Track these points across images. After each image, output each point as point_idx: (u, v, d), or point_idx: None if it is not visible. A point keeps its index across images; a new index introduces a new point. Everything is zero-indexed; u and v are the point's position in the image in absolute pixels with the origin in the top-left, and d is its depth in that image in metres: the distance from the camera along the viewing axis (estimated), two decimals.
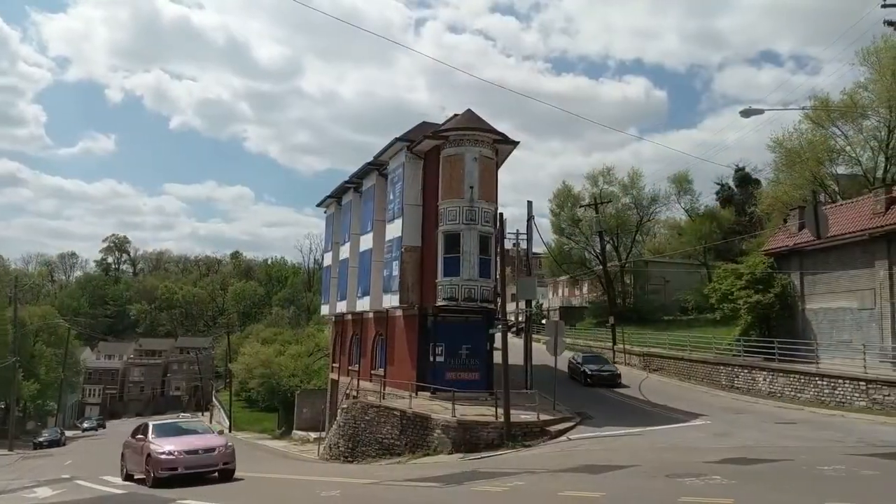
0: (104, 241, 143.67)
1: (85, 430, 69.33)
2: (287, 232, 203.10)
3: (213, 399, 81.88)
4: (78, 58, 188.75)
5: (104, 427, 72.11)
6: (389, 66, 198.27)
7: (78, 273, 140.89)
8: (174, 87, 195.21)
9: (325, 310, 45.78)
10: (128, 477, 18.37)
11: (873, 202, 27.07)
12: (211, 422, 72.28)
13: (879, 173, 36.18)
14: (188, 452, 16.35)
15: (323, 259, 52.09)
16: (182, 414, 79.92)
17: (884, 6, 17.83)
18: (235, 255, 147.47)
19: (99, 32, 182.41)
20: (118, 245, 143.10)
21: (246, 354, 66.93)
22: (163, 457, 16.06)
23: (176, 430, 18.28)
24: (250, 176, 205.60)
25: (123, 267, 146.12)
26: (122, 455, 19.15)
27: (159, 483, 15.67)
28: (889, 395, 21.97)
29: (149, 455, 16.32)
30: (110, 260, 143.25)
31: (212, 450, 16.77)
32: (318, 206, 46.47)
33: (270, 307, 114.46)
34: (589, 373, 33.69)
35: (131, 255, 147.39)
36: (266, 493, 15.43)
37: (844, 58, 58.82)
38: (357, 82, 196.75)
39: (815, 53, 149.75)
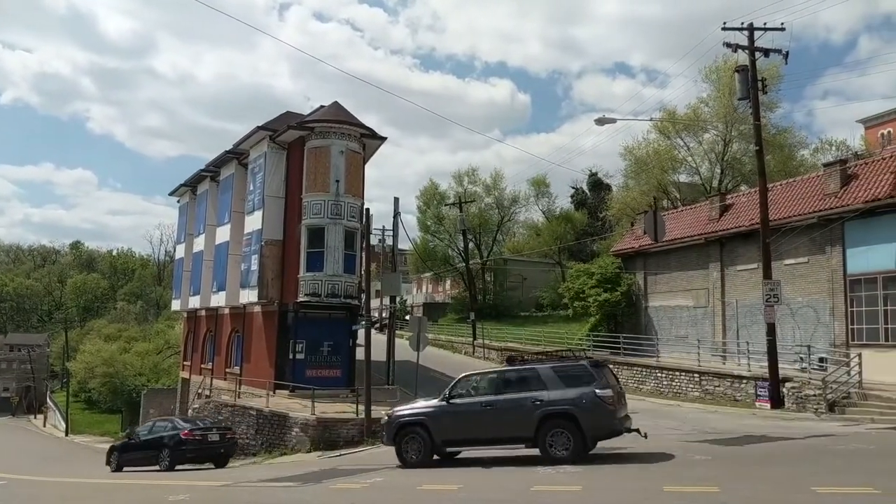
0: None
1: None
2: (135, 221, 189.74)
3: (48, 401, 76.02)
4: None
5: None
6: (251, 49, 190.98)
7: None
8: (6, 57, 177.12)
9: (176, 305, 43.52)
10: None
11: (709, 209, 29.68)
12: (45, 425, 66.88)
13: (715, 183, 39.61)
14: None
15: (175, 251, 49.39)
16: None
17: (724, 28, 19.58)
18: (76, 245, 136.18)
19: None
20: None
21: (86, 352, 63.36)
22: None
23: None
24: (93, 159, 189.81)
25: None
26: None
27: None
28: (719, 386, 24.09)
29: None
30: None
31: None
32: (171, 194, 44.14)
33: (115, 302, 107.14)
34: None
35: None
36: (107, 499, 14.35)
37: (690, 74, 63.91)
38: (215, 64, 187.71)
39: (665, 68, 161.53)
